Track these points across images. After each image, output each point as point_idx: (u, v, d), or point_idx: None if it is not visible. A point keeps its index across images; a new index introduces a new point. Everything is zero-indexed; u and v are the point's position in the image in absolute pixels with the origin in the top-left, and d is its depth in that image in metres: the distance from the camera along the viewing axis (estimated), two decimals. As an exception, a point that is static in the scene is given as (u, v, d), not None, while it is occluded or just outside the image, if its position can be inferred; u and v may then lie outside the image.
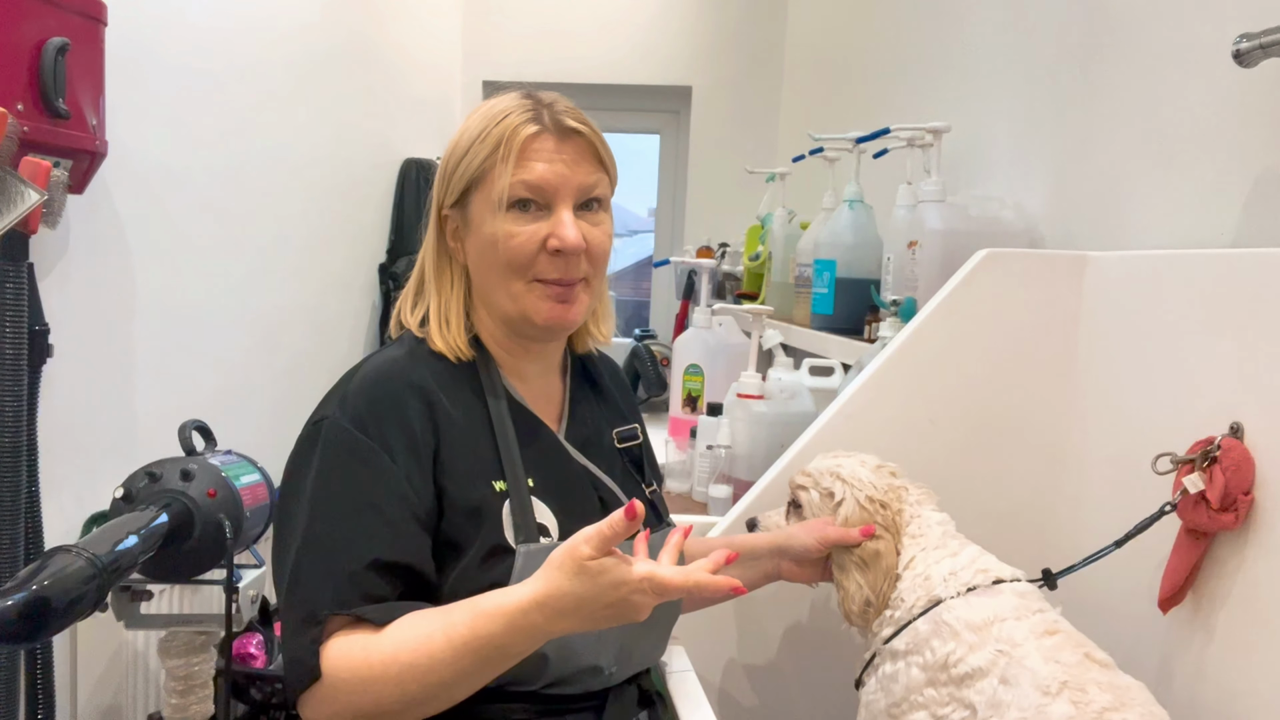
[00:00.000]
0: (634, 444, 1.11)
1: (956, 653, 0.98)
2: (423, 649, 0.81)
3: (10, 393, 1.34)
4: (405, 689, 0.81)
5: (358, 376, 0.95)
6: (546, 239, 0.94)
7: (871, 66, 2.63)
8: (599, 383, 1.13)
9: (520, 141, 0.93)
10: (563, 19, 3.86)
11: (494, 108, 0.96)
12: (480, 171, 0.94)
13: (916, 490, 1.18)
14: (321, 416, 0.93)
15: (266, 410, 2.34)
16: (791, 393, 1.81)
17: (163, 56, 1.84)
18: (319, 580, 0.86)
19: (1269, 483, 0.96)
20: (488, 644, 0.81)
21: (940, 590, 1.04)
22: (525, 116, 0.94)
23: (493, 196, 0.93)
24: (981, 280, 1.35)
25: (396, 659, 0.81)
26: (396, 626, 0.84)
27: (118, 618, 1.34)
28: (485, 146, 0.94)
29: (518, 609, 0.81)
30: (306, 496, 0.89)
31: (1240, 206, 1.13)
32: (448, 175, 0.98)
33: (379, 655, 0.82)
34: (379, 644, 0.83)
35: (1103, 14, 1.45)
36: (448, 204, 0.99)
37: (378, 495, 0.88)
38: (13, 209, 1.27)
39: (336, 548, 0.86)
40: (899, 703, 1.03)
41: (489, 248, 0.95)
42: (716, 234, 3.52)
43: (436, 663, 0.81)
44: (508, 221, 0.94)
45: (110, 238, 1.70)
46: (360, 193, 2.96)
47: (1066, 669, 0.92)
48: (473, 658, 0.81)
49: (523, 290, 0.96)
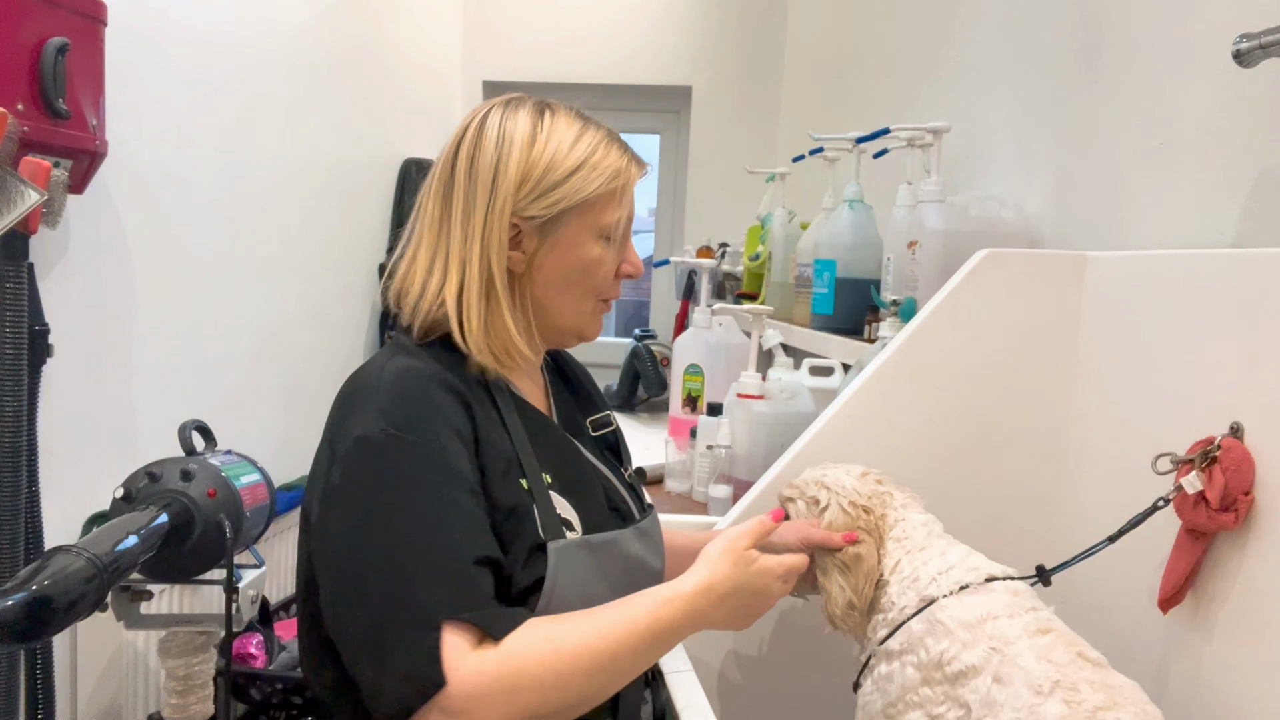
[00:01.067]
0: (608, 430, 1.16)
1: (950, 651, 0.98)
2: (610, 637, 0.85)
3: (10, 393, 1.35)
4: (594, 679, 0.84)
5: (384, 386, 0.91)
6: (620, 266, 1.05)
7: (871, 66, 2.63)
8: (567, 374, 1.18)
9: (634, 182, 1.03)
10: (563, 19, 3.86)
11: (588, 134, 1.00)
12: (591, 198, 0.98)
13: (902, 495, 1.19)
14: (362, 433, 0.88)
15: (267, 410, 2.34)
16: (791, 393, 1.81)
17: (163, 57, 1.84)
18: (424, 586, 0.82)
19: (1269, 483, 0.96)
20: (666, 628, 0.87)
21: (932, 589, 1.05)
22: (629, 155, 1.03)
23: (600, 225, 1.00)
24: (981, 280, 1.35)
25: (588, 647, 0.83)
26: (570, 619, 0.86)
27: (118, 618, 1.34)
28: (599, 176, 0.98)
29: (693, 593, 0.90)
30: (377, 510, 0.86)
31: (1240, 206, 1.13)
32: (538, 189, 0.97)
33: (569, 647, 0.83)
34: (566, 636, 0.84)
35: (1103, 14, 1.45)
36: (530, 215, 0.97)
37: (453, 492, 0.87)
38: (13, 209, 1.27)
39: (433, 551, 0.84)
40: (894, 703, 1.03)
41: (581, 269, 1.01)
42: (716, 234, 3.53)
43: (624, 649, 0.85)
44: (599, 249, 1.01)
45: (110, 238, 1.70)
46: (360, 193, 2.96)
47: (1059, 668, 0.91)
48: (651, 643, 0.87)
49: (590, 309, 1.04)
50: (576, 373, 1.20)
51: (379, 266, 3.13)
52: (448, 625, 0.81)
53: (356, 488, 0.87)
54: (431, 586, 0.82)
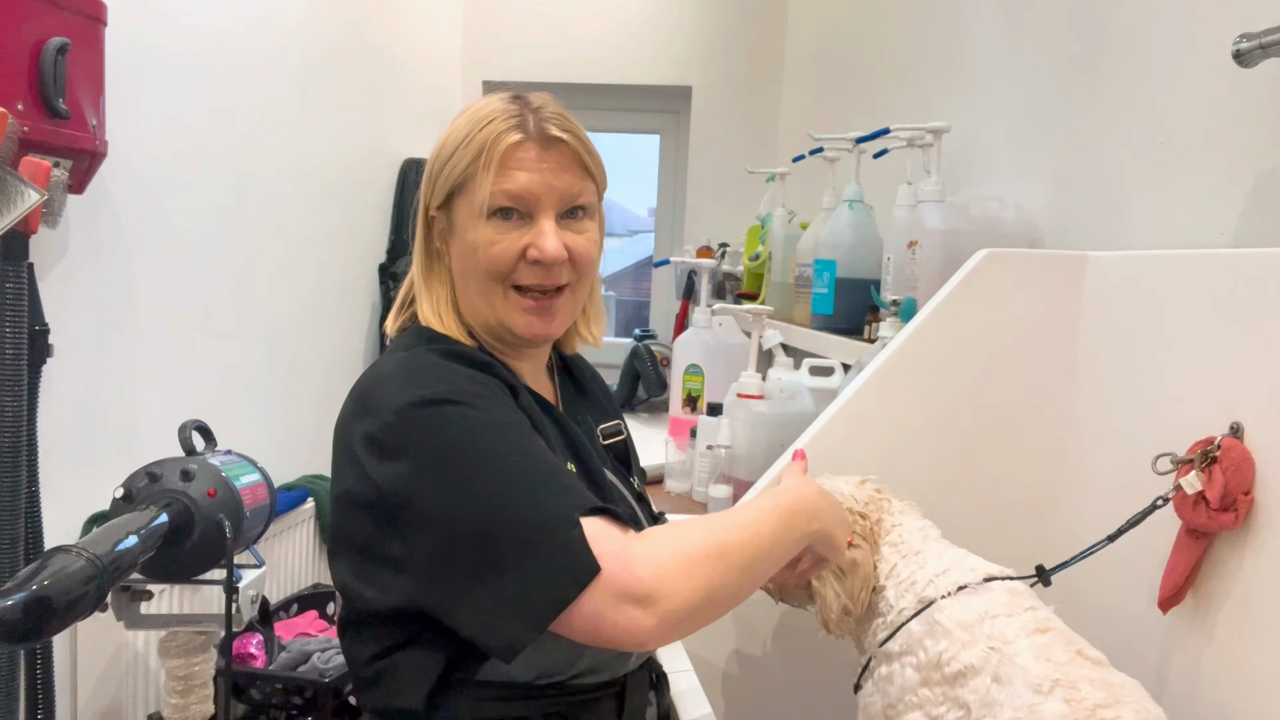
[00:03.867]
0: (618, 440, 1.13)
1: (949, 651, 0.98)
2: (746, 516, 0.89)
3: (10, 393, 1.35)
4: (746, 552, 0.85)
5: (421, 364, 0.89)
6: (526, 248, 0.93)
7: (871, 66, 2.63)
8: (581, 381, 1.15)
9: (502, 150, 0.91)
10: (563, 19, 3.86)
11: (479, 111, 0.95)
12: (464, 177, 0.93)
13: (900, 502, 1.19)
14: (412, 399, 0.84)
15: (267, 410, 2.34)
16: (791, 393, 1.81)
17: (163, 57, 1.84)
18: (544, 498, 0.79)
19: (1269, 483, 0.96)
20: (788, 509, 0.93)
21: (930, 591, 1.04)
22: (510, 123, 0.92)
23: (474, 204, 0.92)
24: (981, 280, 1.35)
25: (733, 524, 0.87)
26: (693, 519, 0.88)
27: (118, 618, 1.34)
28: (469, 152, 0.92)
29: (795, 487, 0.98)
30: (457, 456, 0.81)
31: (1240, 206, 1.13)
32: (433, 177, 0.97)
33: (718, 527, 0.85)
34: (706, 523, 0.86)
35: (1103, 14, 1.45)
36: (434, 206, 0.98)
37: (528, 437, 0.85)
38: (13, 209, 1.27)
39: (537, 471, 0.81)
40: (894, 704, 1.03)
41: (470, 254, 0.94)
42: (716, 234, 3.52)
43: (760, 524, 0.88)
44: (489, 229, 0.93)
45: (110, 238, 1.70)
46: (360, 193, 2.96)
47: (1058, 667, 0.91)
48: (781, 521, 0.91)
49: (501, 298, 0.95)
50: (588, 378, 1.16)
51: (379, 266, 3.13)
52: (586, 519, 0.79)
53: (423, 443, 0.82)
54: (552, 496, 0.79)
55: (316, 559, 2.50)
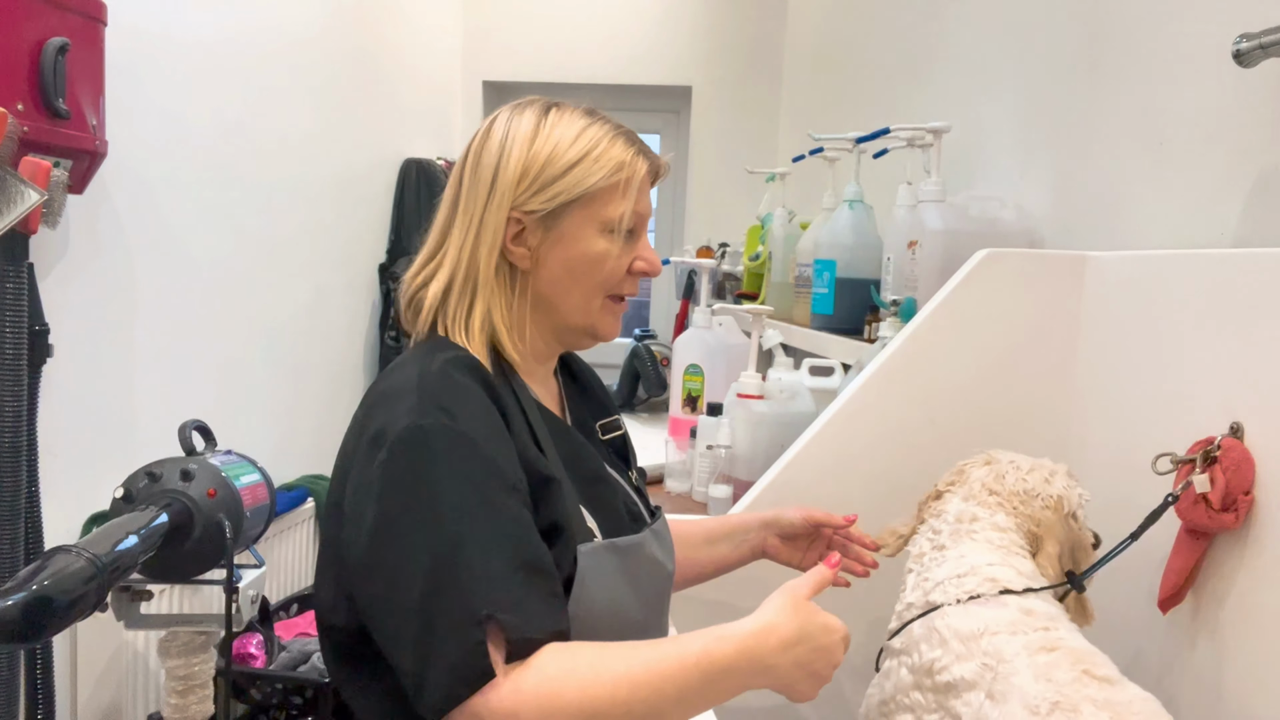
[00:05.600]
0: (617, 434, 1.16)
1: (942, 660, 0.96)
2: (656, 670, 0.80)
3: (10, 393, 1.35)
4: (631, 709, 0.79)
5: (419, 386, 0.90)
6: (634, 262, 1.02)
7: (871, 66, 2.63)
8: (579, 377, 1.17)
9: (642, 176, 1.00)
10: (563, 19, 3.86)
11: (591, 129, 0.99)
12: (592, 190, 0.97)
13: (981, 474, 1.14)
14: (414, 422, 0.86)
15: (267, 410, 2.34)
16: (791, 393, 1.81)
17: (163, 57, 1.84)
18: (472, 579, 0.80)
19: (1269, 483, 0.96)
20: (720, 667, 0.82)
21: (937, 595, 1.02)
22: (636, 149, 1.01)
23: (603, 218, 0.98)
24: (981, 280, 1.35)
25: (630, 677, 0.80)
26: (616, 647, 0.82)
27: (118, 618, 1.34)
28: (601, 169, 0.97)
29: (752, 631, 0.84)
30: (424, 501, 0.84)
31: (1240, 206, 1.13)
32: (538, 182, 0.96)
33: (610, 676, 0.79)
34: (609, 664, 0.80)
35: (1103, 14, 1.45)
36: (531, 209, 0.97)
37: (503, 495, 0.85)
38: (13, 209, 1.27)
39: (483, 548, 0.82)
40: (888, 701, 1.03)
41: (585, 264, 0.99)
42: (716, 234, 3.53)
43: (666, 681, 0.80)
44: (612, 244, 1.00)
45: (110, 238, 1.70)
46: (360, 192, 2.96)
47: (1060, 687, 0.87)
48: (702, 681, 0.81)
49: (599, 306, 1.02)
50: (586, 375, 1.19)
51: (379, 266, 3.13)
52: (492, 624, 0.79)
53: (403, 477, 0.84)
54: (479, 580, 0.80)
55: (316, 559, 2.50)
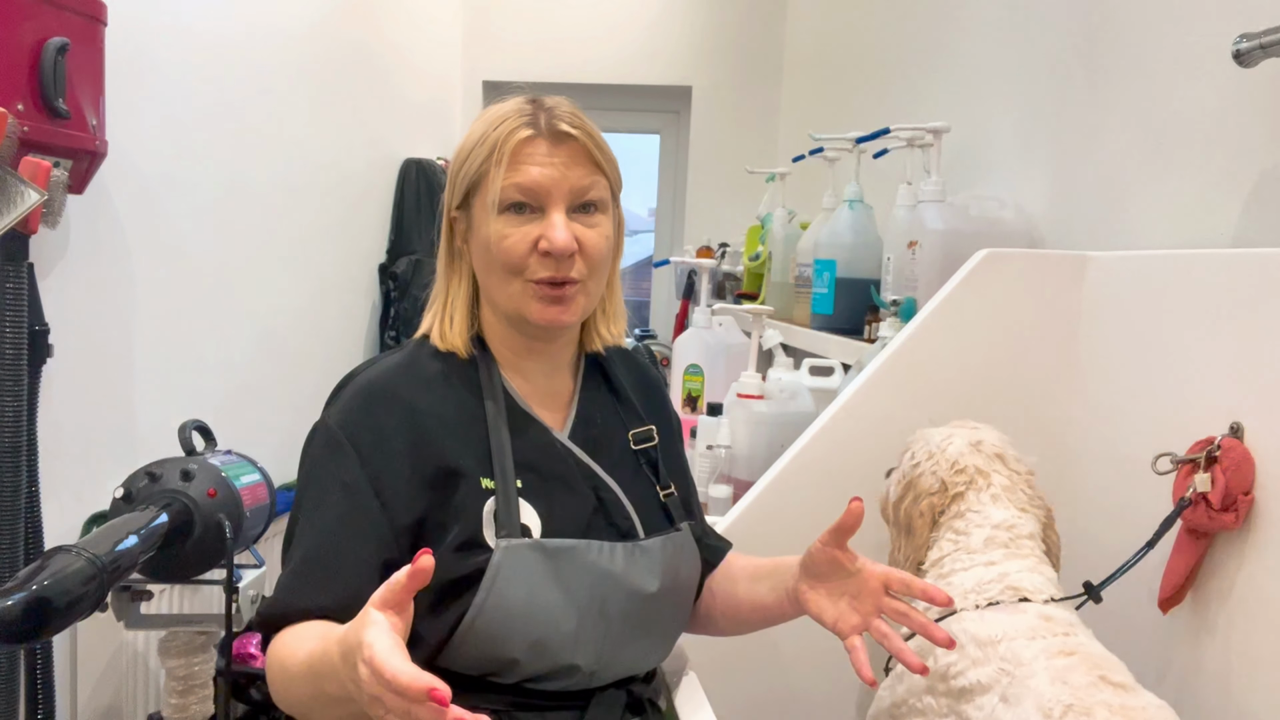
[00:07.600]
0: (649, 445, 1.09)
1: (958, 665, 0.96)
2: (304, 660, 0.83)
3: (10, 393, 1.35)
4: (291, 690, 0.86)
5: (351, 384, 1.00)
6: (537, 240, 0.96)
7: (871, 66, 2.63)
8: (614, 382, 1.12)
9: (513, 145, 0.95)
10: (562, 19, 3.86)
11: (495, 112, 0.99)
12: (479, 175, 0.98)
13: (1005, 480, 1.11)
14: (321, 421, 0.98)
15: (267, 410, 2.33)
16: (791, 393, 1.81)
17: (163, 57, 1.84)
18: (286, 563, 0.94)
19: (1269, 483, 0.96)
20: (321, 661, 0.78)
21: (957, 601, 1.01)
22: (521, 121, 0.96)
23: (488, 200, 0.96)
24: (981, 280, 1.35)
25: (291, 657, 0.86)
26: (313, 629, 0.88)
27: (118, 618, 1.34)
28: (483, 150, 0.97)
29: (339, 633, 0.75)
30: (303, 489, 0.96)
31: (1240, 206, 1.13)
32: (453, 179, 1.02)
33: (291, 657, 0.86)
34: (290, 645, 0.87)
35: (1103, 14, 1.45)
36: (454, 206, 1.03)
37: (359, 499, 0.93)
38: (13, 209, 1.27)
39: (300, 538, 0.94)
40: (899, 704, 1.03)
41: (486, 249, 0.98)
42: (716, 234, 3.53)
43: (295, 678, 0.84)
44: (501, 223, 0.96)
45: (110, 238, 1.70)
46: (360, 193, 2.96)
47: (1074, 691, 0.87)
48: (311, 676, 0.80)
49: (519, 290, 0.98)
50: (623, 381, 1.13)
51: (379, 266, 3.13)
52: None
53: (303, 463, 0.97)
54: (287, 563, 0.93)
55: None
